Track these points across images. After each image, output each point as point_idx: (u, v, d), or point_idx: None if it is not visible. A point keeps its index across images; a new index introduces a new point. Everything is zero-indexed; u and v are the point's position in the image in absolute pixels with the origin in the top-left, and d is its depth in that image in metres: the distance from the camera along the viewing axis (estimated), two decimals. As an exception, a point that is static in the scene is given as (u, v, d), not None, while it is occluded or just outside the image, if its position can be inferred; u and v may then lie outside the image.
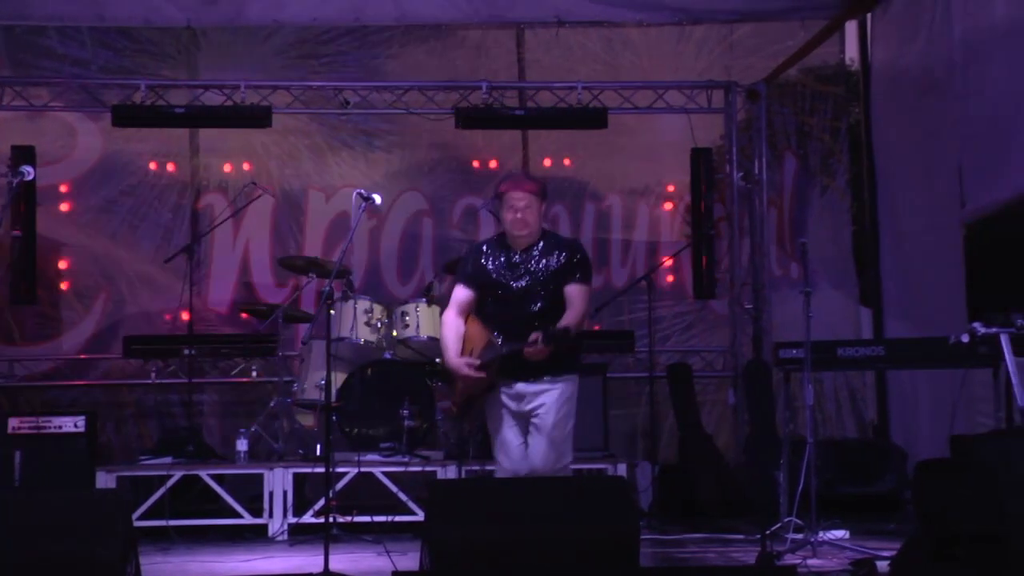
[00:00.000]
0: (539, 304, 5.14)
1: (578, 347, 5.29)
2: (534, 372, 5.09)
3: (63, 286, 8.74)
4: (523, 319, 5.09)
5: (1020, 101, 6.34)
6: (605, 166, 9.04)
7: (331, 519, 5.57)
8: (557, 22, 8.85)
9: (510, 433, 5.18)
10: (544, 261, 5.20)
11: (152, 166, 8.86)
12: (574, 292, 5.16)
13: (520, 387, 5.13)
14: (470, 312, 5.28)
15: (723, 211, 8.81)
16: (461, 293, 5.30)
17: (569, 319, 5.05)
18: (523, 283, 5.18)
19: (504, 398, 5.16)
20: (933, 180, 7.62)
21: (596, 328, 8.54)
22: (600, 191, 9.07)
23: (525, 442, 5.17)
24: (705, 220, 8.50)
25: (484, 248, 5.36)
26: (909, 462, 7.33)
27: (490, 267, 5.26)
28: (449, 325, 5.29)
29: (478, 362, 5.11)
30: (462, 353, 5.20)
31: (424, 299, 7.62)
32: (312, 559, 5.55)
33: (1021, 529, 4.27)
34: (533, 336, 4.93)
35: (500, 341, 5.08)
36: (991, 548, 4.32)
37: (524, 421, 5.17)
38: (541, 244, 5.24)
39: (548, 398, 5.10)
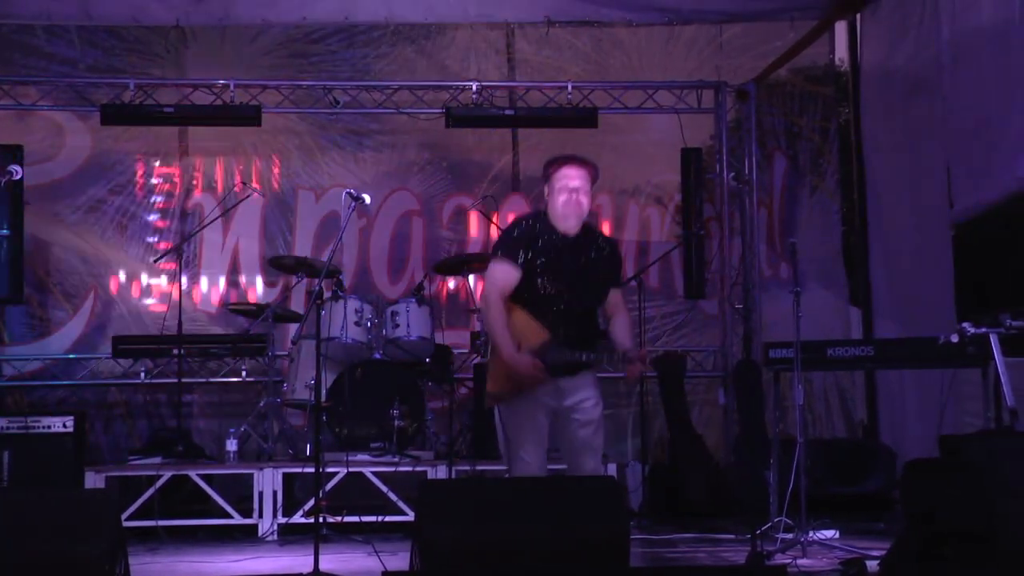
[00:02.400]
0: (591, 302, 4.82)
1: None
2: (578, 366, 4.82)
3: (51, 286, 8.72)
4: (574, 315, 4.75)
5: (1007, 102, 6.35)
6: (595, 166, 9.03)
7: (321, 519, 5.55)
8: (547, 22, 8.86)
9: (541, 429, 4.87)
10: (594, 255, 4.83)
11: (141, 166, 8.84)
12: (618, 295, 4.90)
13: (563, 382, 4.83)
14: (509, 297, 4.81)
15: (713, 211, 8.83)
16: (511, 274, 4.78)
17: (628, 331, 4.82)
18: (576, 275, 4.79)
19: (542, 395, 4.83)
20: (922, 180, 7.64)
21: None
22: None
23: (548, 436, 4.92)
24: (695, 220, 8.51)
25: (534, 225, 4.82)
26: (898, 462, 7.34)
27: (544, 250, 4.78)
28: (499, 311, 4.76)
29: (541, 364, 4.71)
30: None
31: (414, 299, 7.61)
32: (302, 559, 5.54)
33: (1009, 528, 4.28)
34: (642, 353, 4.71)
35: (560, 341, 4.74)
36: (980, 547, 4.33)
37: (554, 416, 4.88)
38: (585, 235, 4.83)
39: (589, 391, 4.85)
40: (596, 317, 4.81)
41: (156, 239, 8.75)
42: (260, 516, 6.93)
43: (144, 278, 8.70)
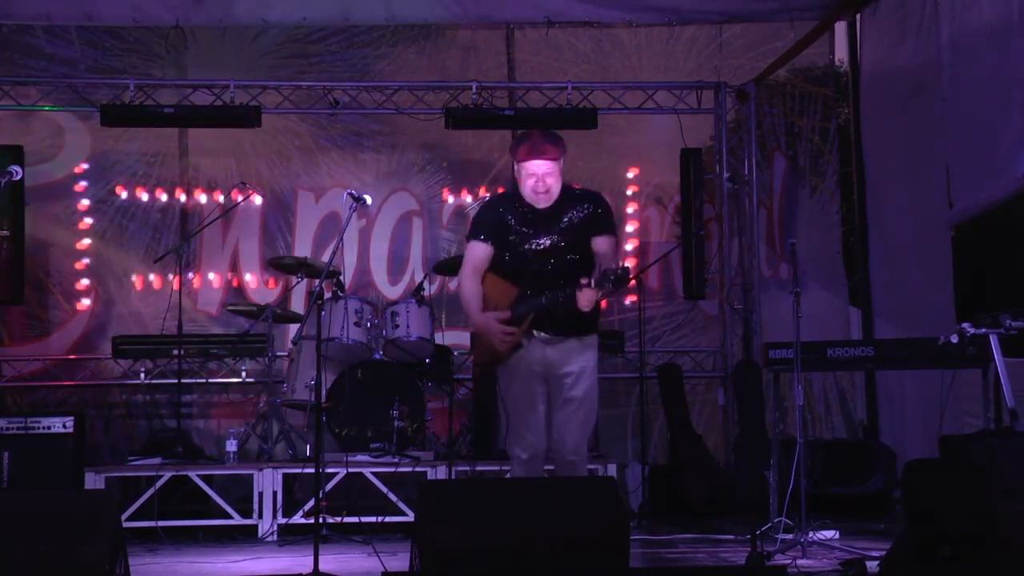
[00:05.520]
0: (566, 258, 4.96)
1: (599, 306, 5.08)
2: (563, 328, 4.92)
3: (51, 286, 8.72)
4: (549, 274, 4.93)
5: (1006, 102, 6.36)
6: (595, 166, 9.04)
7: (321, 520, 5.55)
8: (547, 22, 8.86)
9: (532, 399, 5.00)
10: (568, 214, 5.00)
11: (141, 166, 8.83)
12: (604, 243, 4.98)
13: (549, 348, 4.96)
14: (485, 271, 5.06)
15: (713, 211, 8.83)
16: (479, 250, 5.06)
17: (609, 265, 4.79)
18: (548, 238, 4.99)
19: (528, 359, 4.98)
20: (921, 181, 7.65)
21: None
22: (590, 191, 9.06)
23: (547, 409, 5.00)
24: (695, 220, 8.51)
25: (502, 201, 5.14)
26: (898, 462, 7.35)
27: (512, 221, 5.03)
28: (469, 283, 5.05)
29: (508, 315, 4.91)
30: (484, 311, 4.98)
31: (414, 299, 7.61)
32: (302, 560, 5.54)
33: (1010, 529, 4.28)
34: (585, 279, 4.70)
35: (529, 294, 4.88)
36: (980, 547, 4.34)
37: (546, 386, 5.02)
38: (562, 202, 5.02)
39: (578, 365, 4.96)
40: (575, 272, 4.85)
41: (156, 240, 8.75)
42: (260, 517, 6.94)
43: (144, 278, 8.70)
